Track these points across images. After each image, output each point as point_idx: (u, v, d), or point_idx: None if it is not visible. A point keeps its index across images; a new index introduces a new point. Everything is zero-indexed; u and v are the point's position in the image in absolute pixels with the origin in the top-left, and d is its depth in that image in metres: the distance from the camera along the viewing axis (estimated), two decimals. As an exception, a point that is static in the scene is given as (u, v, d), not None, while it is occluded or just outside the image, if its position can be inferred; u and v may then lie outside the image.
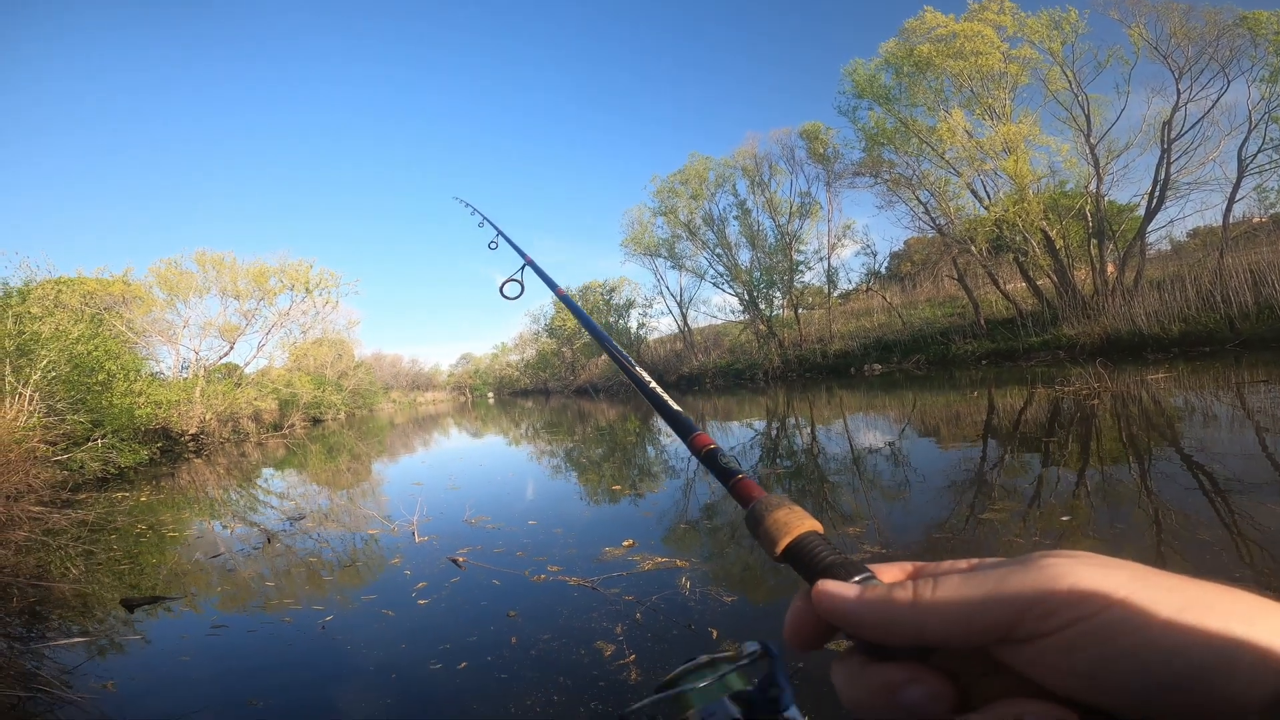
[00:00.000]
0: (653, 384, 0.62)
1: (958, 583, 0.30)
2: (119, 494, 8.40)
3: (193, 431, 16.82)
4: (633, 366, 0.67)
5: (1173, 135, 16.40)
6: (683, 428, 0.53)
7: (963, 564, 0.32)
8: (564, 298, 1.04)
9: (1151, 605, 0.25)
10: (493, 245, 1.58)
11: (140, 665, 2.82)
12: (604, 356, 40.39)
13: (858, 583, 0.33)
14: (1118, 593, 0.26)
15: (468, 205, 2.02)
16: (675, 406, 0.57)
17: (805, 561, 0.36)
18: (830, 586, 0.33)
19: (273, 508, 7.04)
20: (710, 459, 0.48)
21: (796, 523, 0.37)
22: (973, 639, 0.29)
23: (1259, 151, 15.34)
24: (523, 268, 1.24)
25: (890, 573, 0.35)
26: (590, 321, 0.86)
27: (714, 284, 31.30)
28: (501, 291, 1.24)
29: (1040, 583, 0.27)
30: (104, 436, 10.70)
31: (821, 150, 25.08)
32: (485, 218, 1.80)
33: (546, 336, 49.28)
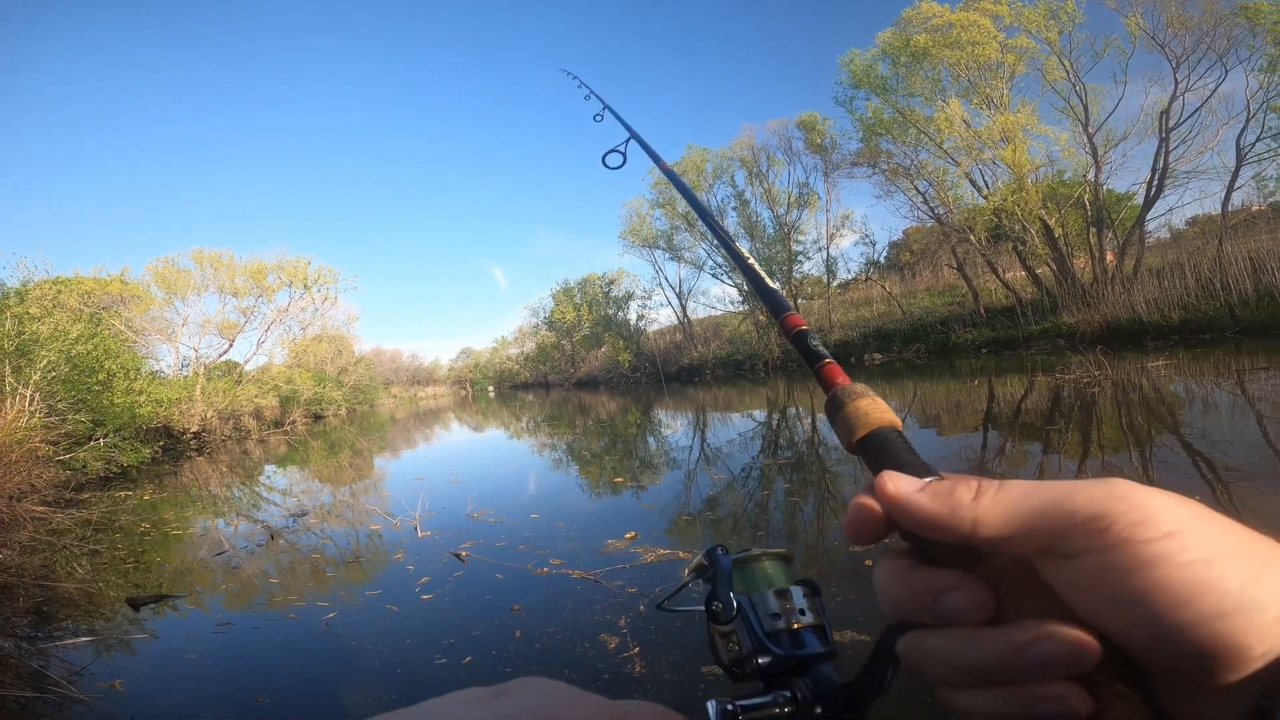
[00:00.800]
0: (751, 260, 0.64)
1: (1024, 487, 0.30)
2: (122, 493, 8.42)
3: (194, 429, 16.83)
4: (733, 242, 0.71)
5: (1171, 124, 16.33)
6: (776, 306, 0.56)
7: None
8: (668, 171, 1.08)
9: (1203, 542, 0.26)
10: (598, 118, 1.63)
11: (147, 664, 2.84)
12: (604, 349, 40.43)
13: (926, 482, 0.33)
14: (1176, 523, 0.26)
15: (575, 78, 2.05)
16: (772, 284, 0.59)
17: (879, 455, 0.36)
18: (895, 475, 0.33)
19: (275, 504, 7.06)
20: (800, 340, 0.49)
21: (878, 415, 0.37)
22: (1027, 541, 0.29)
23: (1258, 140, 15.27)
24: (627, 140, 1.28)
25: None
26: (693, 196, 0.89)
27: (712, 275, 31.24)
28: (604, 161, 1.29)
29: (1104, 498, 0.27)
30: (106, 436, 10.71)
31: (819, 141, 24.97)
32: (592, 90, 1.83)
33: (546, 329, 49.21)
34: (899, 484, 0.33)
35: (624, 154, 1.28)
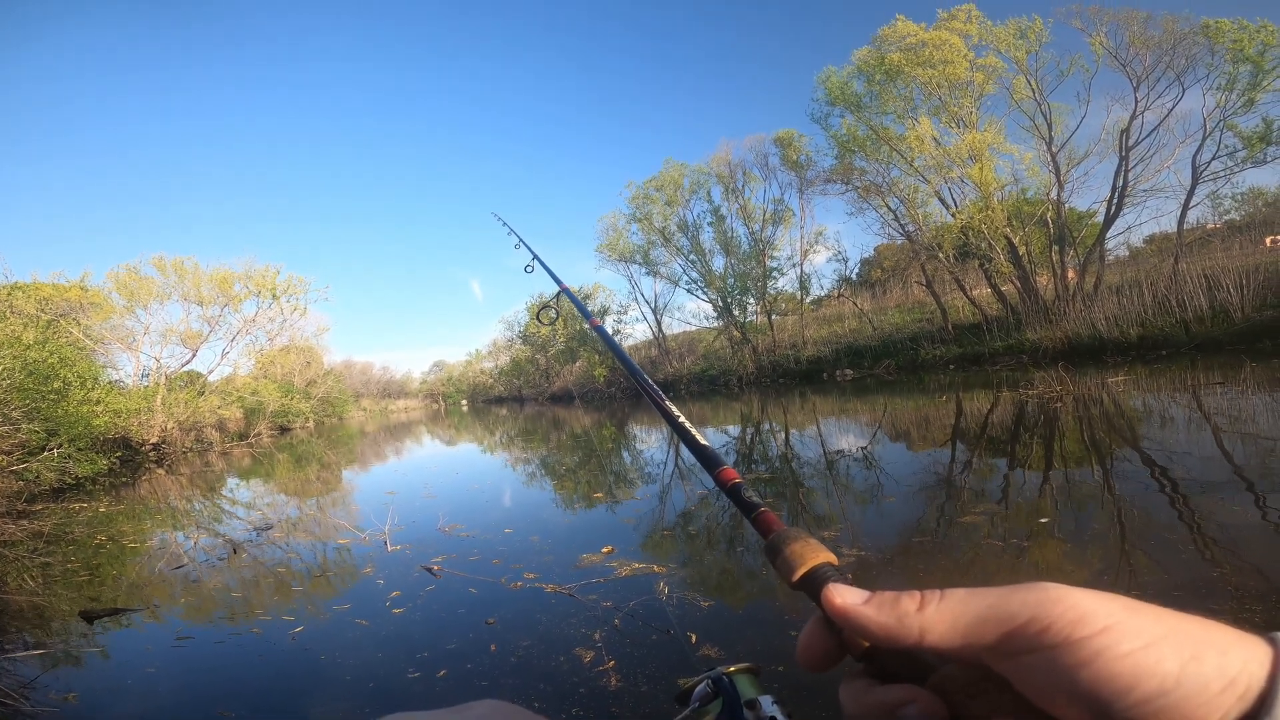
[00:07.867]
0: (681, 418, 0.65)
1: (963, 595, 0.32)
2: (76, 505, 8.13)
3: (154, 441, 16.36)
4: (663, 401, 0.70)
5: (1130, 143, 16.87)
6: (710, 462, 0.56)
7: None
8: (598, 328, 1.08)
9: (1137, 632, 0.28)
10: (529, 269, 1.61)
11: (103, 677, 2.73)
12: (579, 364, 40.28)
13: (871, 594, 0.35)
14: (1110, 619, 0.28)
15: (505, 225, 2.03)
16: (703, 441, 0.60)
17: (818, 589, 0.38)
18: (841, 588, 0.35)
19: (239, 518, 6.87)
20: (734, 492, 0.51)
21: (812, 554, 0.40)
22: (970, 647, 0.31)
23: (1213, 159, 15.84)
24: (558, 295, 1.28)
25: None
26: (622, 352, 0.89)
27: (688, 290, 31.33)
28: (536, 318, 1.33)
29: (1040, 602, 0.29)
30: (60, 446, 10.35)
31: (795, 157, 25.30)
32: (522, 240, 1.81)
33: (521, 344, 48.91)
34: (845, 596, 0.35)
35: (557, 309, 1.36)
